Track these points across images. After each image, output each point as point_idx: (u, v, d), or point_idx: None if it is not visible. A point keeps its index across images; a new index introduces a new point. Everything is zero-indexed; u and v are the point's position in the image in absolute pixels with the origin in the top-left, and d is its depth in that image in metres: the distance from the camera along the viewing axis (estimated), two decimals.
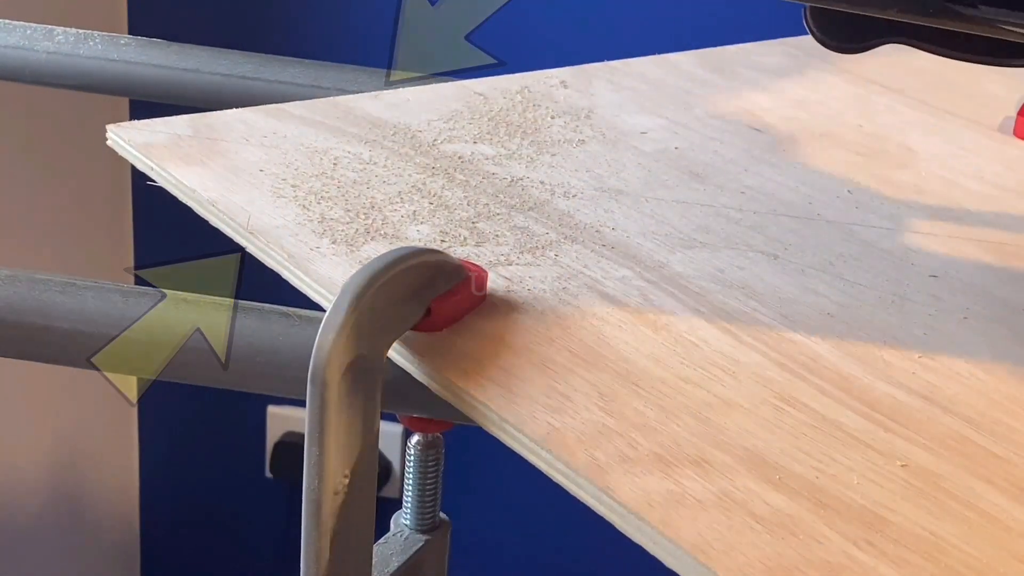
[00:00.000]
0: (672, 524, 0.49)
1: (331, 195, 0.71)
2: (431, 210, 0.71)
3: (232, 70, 0.93)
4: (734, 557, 0.47)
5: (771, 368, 0.58)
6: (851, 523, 0.49)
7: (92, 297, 0.63)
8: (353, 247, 0.66)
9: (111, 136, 0.77)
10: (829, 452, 0.53)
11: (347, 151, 0.77)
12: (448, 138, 0.80)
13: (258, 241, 0.67)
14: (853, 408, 0.56)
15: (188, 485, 1.92)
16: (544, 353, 0.58)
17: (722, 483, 0.51)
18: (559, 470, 0.52)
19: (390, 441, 1.72)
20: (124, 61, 0.94)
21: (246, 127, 0.79)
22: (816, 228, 0.72)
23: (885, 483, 0.51)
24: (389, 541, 0.71)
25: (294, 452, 1.79)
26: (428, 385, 0.58)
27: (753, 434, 0.54)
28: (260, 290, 0.71)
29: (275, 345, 0.61)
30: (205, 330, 0.62)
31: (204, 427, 1.87)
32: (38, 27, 0.96)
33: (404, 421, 0.66)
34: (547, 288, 0.64)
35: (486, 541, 1.78)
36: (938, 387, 0.58)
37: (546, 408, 0.55)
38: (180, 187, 0.72)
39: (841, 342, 0.61)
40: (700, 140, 0.82)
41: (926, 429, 0.55)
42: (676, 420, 0.54)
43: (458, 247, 0.67)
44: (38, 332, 0.63)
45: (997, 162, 0.84)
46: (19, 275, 0.64)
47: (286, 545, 1.88)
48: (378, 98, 0.85)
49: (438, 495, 0.72)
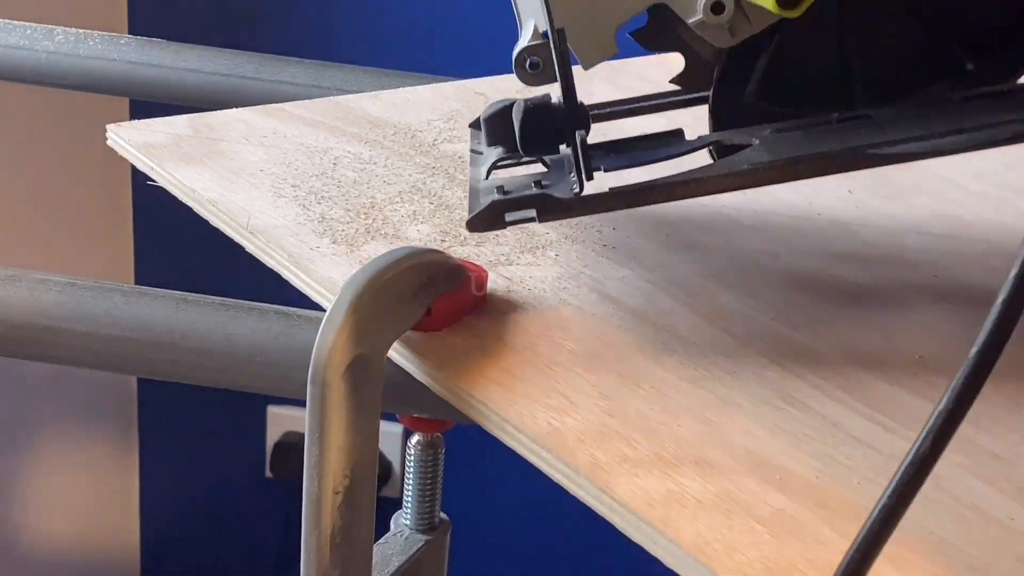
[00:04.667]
0: (672, 524, 0.49)
1: (331, 195, 0.71)
2: (431, 210, 0.70)
3: (232, 70, 0.93)
4: (734, 557, 0.47)
5: (771, 368, 0.58)
6: (851, 523, 0.49)
7: (92, 297, 0.63)
8: (353, 247, 0.66)
9: (111, 136, 0.77)
10: (829, 452, 0.53)
11: (347, 151, 0.77)
12: (448, 138, 0.80)
13: (258, 241, 0.67)
14: (853, 408, 0.56)
15: (188, 485, 1.92)
16: (544, 353, 0.58)
17: (722, 483, 0.51)
18: (559, 470, 0.52)
19: (390, 441, 1.72)
20: (124, 61, 0.94)
21: (246, 127, 0.79)
22: (816, 228, 0.72)
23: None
24: (389, 541, 0.71)
25: (294, 452, 1.79)
26: (428, 385, 0.57)
27: (753, 434, 0.54)
28: (260, 290, 0.71)
29: (275, 345, 0.61)
30: (205, 330, 0.62)
31: (204, 427, 1.87)
32: (38, 27, 0.96)
33: (404, 421, 0.66)
34: (547, 288, 0.64)
35: (486, 541, 1.78)
36: (938, 387, 0.58)
37: (546, 408, 0.55)
38: (180, 187, 0.72)
39: (841, 342, 0.61)
40: None
41: None
42: (676, 420, 0.54)
43: (458, 247, 0.67)
44: (38, 332, 0.63)
45: (997, 162, 0.84)
46: (19, 275, 0.64)
47: (286, 545, 1.88)
48: (378, 98, 0.85)
49: (438, 495, 0.72)
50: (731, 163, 0.59)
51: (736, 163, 0.59)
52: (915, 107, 0.63)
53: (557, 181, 0.61)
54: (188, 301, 0.63)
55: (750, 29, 0.62)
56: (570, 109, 0.60)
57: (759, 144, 0.60)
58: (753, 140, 0.61)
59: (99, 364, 0.64)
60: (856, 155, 0.59)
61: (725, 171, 0.59)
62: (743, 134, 0.62)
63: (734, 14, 0.61)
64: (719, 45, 0.62)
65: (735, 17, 0.61)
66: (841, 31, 0.63)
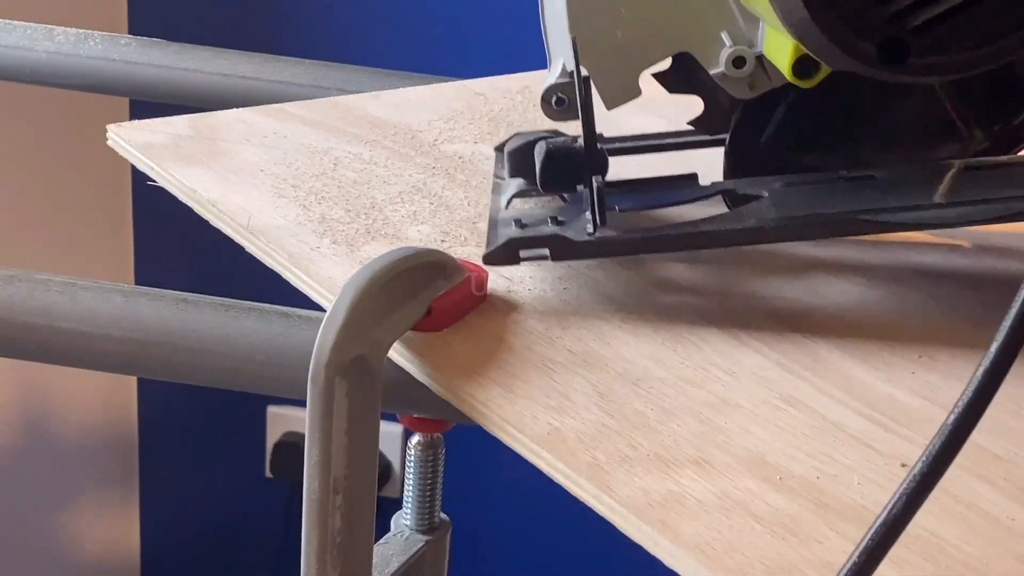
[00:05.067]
0: (672, 524, 0.49)
1: (331, 195, 0.71)
2: (431, 210, 0.70)
3: (232, 70, 0.93)
4: (734, 557, 0.47)
5: (771, 368, 0.58)
6: (851, 523, 0.49)
7: (92, 297, 0.63)
8: (353, 247, 0.66)
9: (111, 136, 0.77)
10: (829, 452, 0.53)
11: (347, 151, 0.77)
12: (448, 138, 0.80)
13: (258, 241, 0.67)
14: (853, 408, 0.56)
15: (188, 485, 1.92)
16: (544, 353, 0.58)
17: (722, 483, 0.51)
18: (559, 470, 0.52)
19: (390, 441, 1.72)
20: (124, 61, 0.94)
21: (246, 127, 0.79)
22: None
23: (885, 483, 0.51)
24: (389, 541, 0.71)
25: (294, 452, 1.79)
26: (428, 385, 0.57)
27: (753, 434, 0.54)
28: (260, 290, 0.71)
29: (275, 345, 0.61)
30: (205, 330, 0.62)
31: (204, 427, 1.87)
32: (38, 27, 0.96)
33: (404, 421, 0.66)
34: (547, 288, 0.64)
35: (486, 541, 1.78)
36: (938, 387, 0.58)
37: (546, 408, 0.55)
38: (180, 187, 0.72)
39: (841, 342, 0.61)
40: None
41: (926, 429, 0.55)
42: (676, 420, 0.54)
43: (458, 247, 0.67)
44: (38, 332, 0.63)
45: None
46: (19, 275, 0.64)
47: (286, 545, 1.88)
48: (378, 98, 0.85)
49: (438, 495, 0.72)
50: (741, 217, 0.62)
51: (745, 217, 0.62)
52: (920, 172, 0.66)
53: (572, 218, 0.64)
54: (188, 301, 0.63)
55: (769, 84, 0.65)
56: (589, 156, 0.63)
57: (768, 198, 0.63)
58: (763, 192, 0.64)
59: (99, 364, 0.64)
60: (860, 224, 0.61)
61: (736, 226, 0.62)
62: (755, 184, 0.65)
63: (755, 69, 0.64)
64: (739, 96, 0.65)
65: (755, 72, 0.64)
66: (856, 92, 0.66)
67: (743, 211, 0.63)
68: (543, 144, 0.65)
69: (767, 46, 0.63)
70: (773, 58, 0.63)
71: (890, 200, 0.62)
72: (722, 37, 0.64)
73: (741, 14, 0.64)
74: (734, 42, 0.64)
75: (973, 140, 0.67)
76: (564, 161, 0.64)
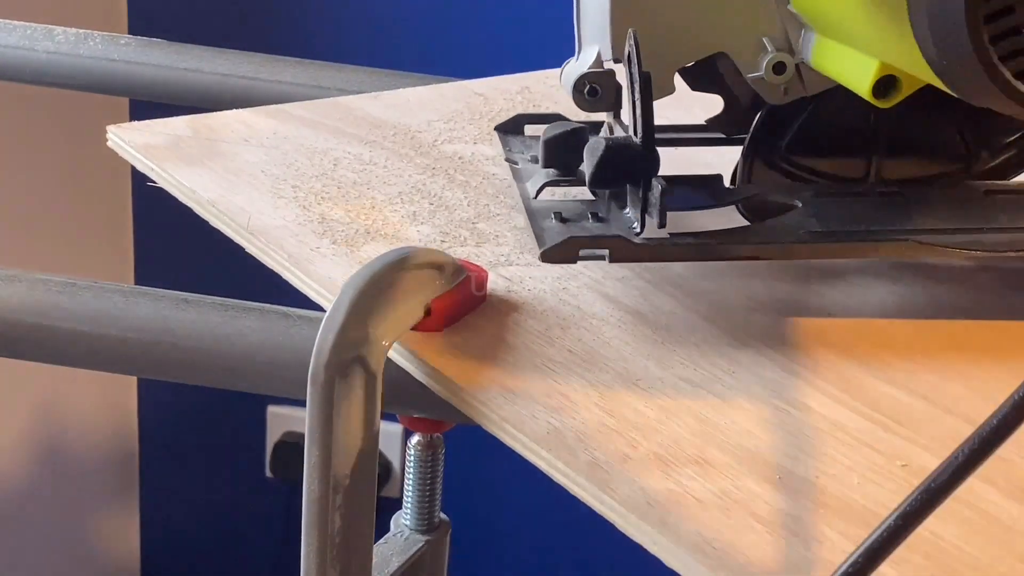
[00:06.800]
0: (672, 524, 0.49)
1: (331, 195, 0.71)
2: (431, 210, 0.71)
3: (232, 70, 0.93)
4: (734, 557, 0.47)
5: (771, 368, 0.58)
6: (851, 523, 0.49)
7: (92, 297, 0.63)
8: (353, 247, 0.66)
9: (111, 137, 0.77)
10: (829, 452, 0.53)
11: (347, 152, 0.77)
12: (448, 138, 0.80)
13: (258, 241, 0.67)
14: (853, 408, 0.56)
15: (188, 485, 1.92)
16: (544, 353, 0.58)
17: (722, 483, 0.51)
18: (559, 470, 0.52)
19: (390, 441, 1.72)
20: (124, 61, 0.94)
21: (246, 128, 0.79)
22: None
23: (885, 483, 0.51)
24: (389, 541, 0.71)
25: (294, 452, 1.79)
26: (428, 385, 0.58)
27: (753, 434, 0.54)
28: (260, 290, 0.71)
29: (275, 345, 0.61)
30: (205, 330, 0.62)
31: (204, 427, 1.87)
32: (38, 27, 0.96)
33: (404, 421, 0.66)
34: (547, 288, 0.64)
35: (486, 541, 1.78)
36: (938, 387, 0.58)
37: (546, 408, 0.55)
38: (180, 188, 0.72)
39: (841, 342, 0.61)
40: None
41: (926, 429, 0.55)
42: (676, 420, 0.54)
43: (458, 247, 0.67)
44: (38, 332, 0.63)
45: None
46: (19, 275, 0.64)
47: (286, 545, 1.88)
48: (378, 98, 0.85)
49: (438, 495, 0.72)
50: (789, 230, 0.63)
51: (793, 230, 0.63)
52: (940, 192, 0.67)
53: (611, 214, 0.64)
54: (188, 301, 0.63)
55: (802, 92, 0.65)
56: (650, 157, 0.62)
57: (804, 210, 0.64)
58: (796, 202, 0.64)
59: (99, 364, 0.64)
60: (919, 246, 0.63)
61: (802, 239, 0.62)
62: (783, 192, 0.66)
63: (792, 76, 0.65)
64: (772, 101, 0.66)
65: (792, 79, 0.65)
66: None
67: (785, 223, 0.63)
68: (599, 141, 0.63)
69: (816, 56, 0.63)
70: (832, 71, 0.63)
71: (933, 221, 0.63)
72: (764, 42, 0.64)
73: (784, 20, 0.64)
74: (776, 48, 0.64)
75: (979, 160, 0.68)
76: (622, 160, 0.63)
